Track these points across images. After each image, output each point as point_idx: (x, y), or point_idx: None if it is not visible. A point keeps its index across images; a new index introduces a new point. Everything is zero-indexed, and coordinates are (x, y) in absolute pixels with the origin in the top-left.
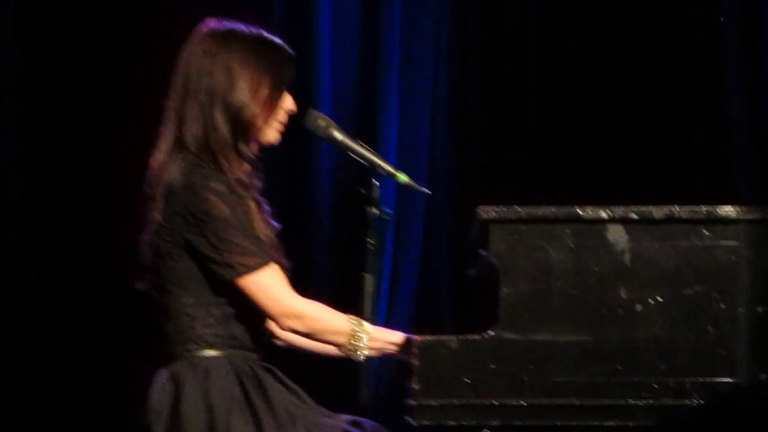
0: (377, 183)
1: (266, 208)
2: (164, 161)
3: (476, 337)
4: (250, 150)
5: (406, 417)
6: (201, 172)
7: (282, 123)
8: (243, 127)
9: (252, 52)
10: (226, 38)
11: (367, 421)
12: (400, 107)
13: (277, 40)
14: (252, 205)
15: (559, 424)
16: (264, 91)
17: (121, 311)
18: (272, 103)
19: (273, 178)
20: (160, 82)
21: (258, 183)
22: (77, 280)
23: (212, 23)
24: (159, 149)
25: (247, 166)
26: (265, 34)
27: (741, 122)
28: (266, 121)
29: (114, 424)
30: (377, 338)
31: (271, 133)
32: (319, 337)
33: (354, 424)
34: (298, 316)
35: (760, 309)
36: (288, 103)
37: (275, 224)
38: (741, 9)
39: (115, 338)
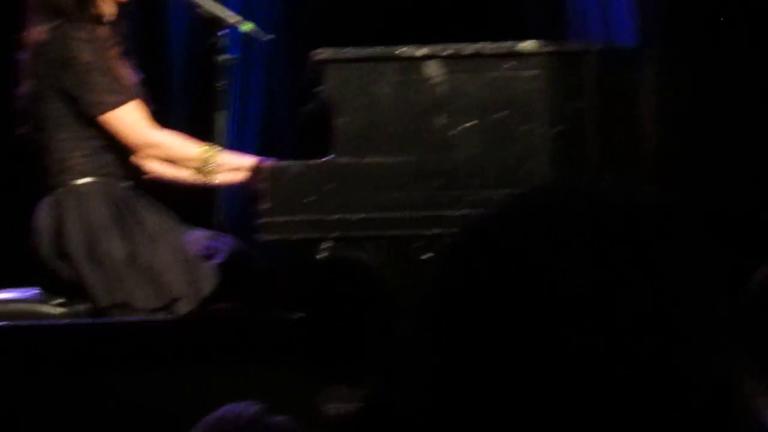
0: (223, 33)
1: (130, 60)
2: (33, 32)
3: (315, 161)
4: (99, 11)
5: (257, 234)
6: (66, 25)
7: None
8: None
9: None
10: None
11: (224, 235)
12: None
13: None
14: (114, 53)
15: (388, 234)
16: None
17: None
18: None
19: (134, 36)
20: None
21: (119, 37)
22: None
23: None
24: (28, 26)
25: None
26: None
27: None
28: None
29: None
30: (228, 162)
31: None
32: (176, 162)
33: (214, 237)
34: (154, 145)
35: (556, 129)
36: None
37: (138, 73)
38: None
39: None
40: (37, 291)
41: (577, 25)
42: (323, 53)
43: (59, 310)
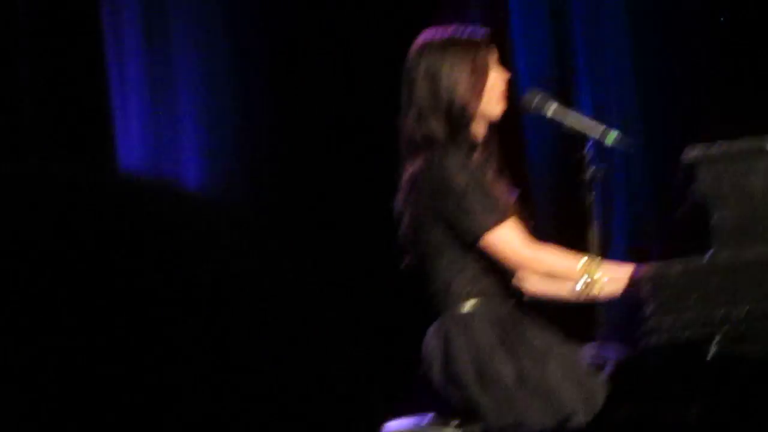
0: (588, 146)
1: (506, 179)
2: (409, 166)
3: (697, 259)
4: (472, 136)
5: (644, 339)
6: (440, 153)
7: (501, 94)
8: (459, 121)
9: (444, 53)
10: (423, 49)
11: (608, 345)
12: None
13: (468, 30)
14: (489, 173)
15: None
16: (466, 80)
17: None
18: (479, 87)
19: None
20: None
21: (492, 156)
22: None
23: (421, 36)
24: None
25: (477, 151)
26: (457, 30)
27: None
28: (479, 103)
29: None
30: (609, 272)
31: (495, 107)
32: (557, 275)
33: (602, 348)
34: (534, 260)
35: None
36: (498, 76)
37: (514, 191)
38: None
39: None
40: (432, 415)
41: None
42: (693, 152)
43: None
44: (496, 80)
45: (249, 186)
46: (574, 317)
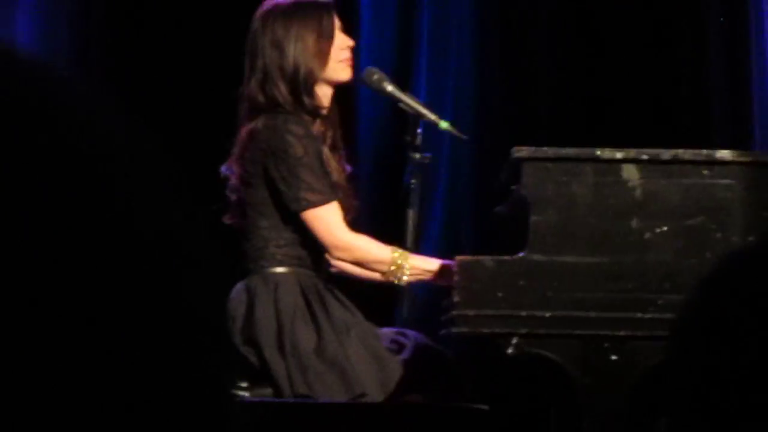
0: (420, 130)
1: (342, 153)
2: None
3: (509, 258)
4: (317, 101)
5: (446, 327)
6: (281, 116)
7: (346, 60)
8: (303, 85)
9: (290, 18)
10: (266, 16)
11: (410, 330)
12: (428, 62)
13: None
14: (325, 149)
15: (577, 333)
16: (311, 45)
17: None
18: (324, 51)
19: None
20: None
21: (333, 129)
22: None
23: (265, 3)
24: (241, 119)
25: (319, 121)
26: None
27: (720, 82)
28: (324, 68)
29: None
30: (416, 266)
31: (341, 72)
32: (365, 265)
33: (399, 333)
34: (346, 248)
35: (750, 238)
36: (342, 42)
37: (347, 167)
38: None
39: None
40: None
41: (764, 137)
42: (523, 151)
43: (240, 394)
44: (341, 46)
45: None
46: (378, 299)
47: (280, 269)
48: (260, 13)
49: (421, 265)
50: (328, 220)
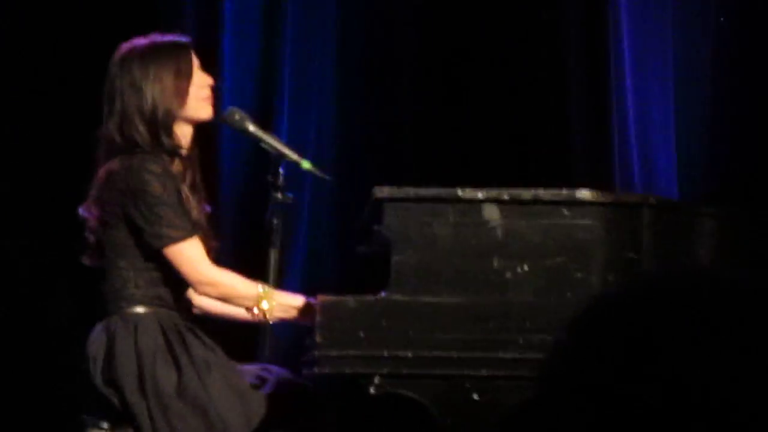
0: (282, 171)
1: (202, 192)
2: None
3: (371, 297)
4: (176, 140)
5: (308, 367)
6: (139, 156)
7: (207, 98)
8: (162, 125)
9: (148, 59)
10: (124, 59)
11: (274, 366)
12: (290, 102)
13: (168, 37)
14: (184, 187)
15: (438, 372)
16: (169, 85)
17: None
18: (182, 90)
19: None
20: None
21: (192, 169)
22: None
23: (122, 46)
24: (99, 159)
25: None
26: (157, 38)
27: (581, 121)
28: (183, 107)
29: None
30: (282, 303)
31: (201, 111)
32: (231, 301)
33: (263, 369)
34: (211, 284)
35: (610, 278)
36: (202, 80)
37: (207, 207)
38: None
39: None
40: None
41: (623, 176)
42: (384, 191)
43: None
44: (201, 84)
45: None
46: (240, 336)
47: (139, 309)
48: (118, 56)
49: (287, 302)
50: (191, 255)
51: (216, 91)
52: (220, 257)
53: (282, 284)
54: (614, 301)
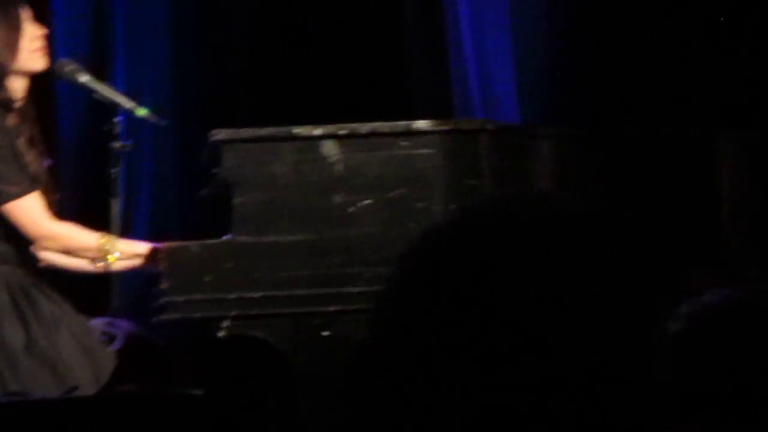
0: (118, 119)
1: (40, 146)
2: None
3: (214, 241)
4: (9, 93)
5: (157, 314)
6: None
7: (39, 49)
8: None
9: None
10: None
11: (119, 320)
12: (125, 48)
13: None
14: (22, 141)
15: (287, 311)
16: (1, 36)
17: None
18: (13, 42)
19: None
20: None
21: (28, 123)
22: None
23: None
24: None
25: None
26: None
27: (418, 52)
28: (15, 59)
29: None
30: (125, 250)
31: (34, 63)
32: (73, 253)
33: (109, 324)
34: (51, 237)
35: (452, 206)
36: (33, 31)
37: (46, 161)
38: None
39: None
40: None
41: (462, 105)
42: (221, 134)
43: None
44: (32, 35)
45: None
46: (87, 289)
47: None
48: None
49: (130, 249)
50: (30, 210)
51: (49, 40)
52: (63, 210)
53: (128, 233)
54: (444, 229)
